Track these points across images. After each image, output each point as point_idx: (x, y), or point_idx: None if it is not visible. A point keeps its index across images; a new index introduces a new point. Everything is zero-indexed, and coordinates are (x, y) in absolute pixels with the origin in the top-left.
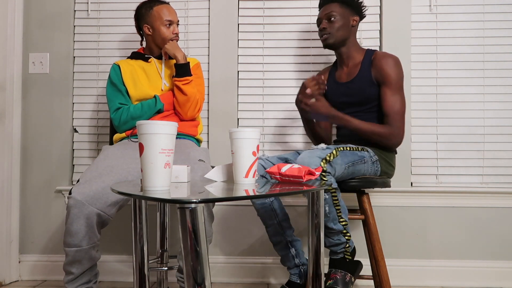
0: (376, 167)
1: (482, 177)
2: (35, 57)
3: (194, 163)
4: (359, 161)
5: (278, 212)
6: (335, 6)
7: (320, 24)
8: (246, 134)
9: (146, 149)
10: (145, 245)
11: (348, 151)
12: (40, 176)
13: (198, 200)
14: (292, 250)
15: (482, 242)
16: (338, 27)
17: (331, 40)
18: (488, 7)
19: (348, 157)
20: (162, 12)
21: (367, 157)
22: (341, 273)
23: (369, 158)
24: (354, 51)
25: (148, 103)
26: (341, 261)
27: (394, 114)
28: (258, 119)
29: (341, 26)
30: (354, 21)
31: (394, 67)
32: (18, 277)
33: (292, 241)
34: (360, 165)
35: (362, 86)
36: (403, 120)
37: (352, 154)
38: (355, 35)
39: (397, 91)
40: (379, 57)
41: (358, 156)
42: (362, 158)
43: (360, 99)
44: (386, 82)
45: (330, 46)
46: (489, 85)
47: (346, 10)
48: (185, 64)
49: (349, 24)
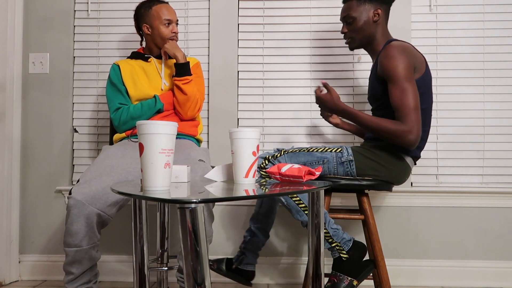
0: (347, 168)
1: (482, 177)
2: (35, 57)
3: (194, 163)
4: (314, 162)
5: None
6: (352, 4)
7: (342, 27)
8: (246, 134)
9: (146, 149)
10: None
11: (305, 152)
12: (40, 176)
13: (198, 200)
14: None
15: (482, 242)
16: (357, 29)
17: (353, 44)
18: (488, 7)
19: (300, 158)
20: (161, 12)
21: (330, 158)
22: (340, 277)
23: (334, 159)
24: (378, 45)
25: (148, 103)
26: (340, 262)
27: (402, 108)
28: (258, 119)
29: (361, 27)
30: (376, 14)
31: (395, 59)
32: (18, 277)
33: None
34: (316, 166)
35: (372, 83)
36: (417, 115)
37: (308, 155)
38: (382, 27)
39: (403, 85)
40: (382, 53)
41: (316, 157)
42: (322, 159)
43: (370, 96)
44: (389, 78)
45: (355, 49)
46: (489, 85)
47: (365, 5)
48: (185, 64)
49: (371, 20)
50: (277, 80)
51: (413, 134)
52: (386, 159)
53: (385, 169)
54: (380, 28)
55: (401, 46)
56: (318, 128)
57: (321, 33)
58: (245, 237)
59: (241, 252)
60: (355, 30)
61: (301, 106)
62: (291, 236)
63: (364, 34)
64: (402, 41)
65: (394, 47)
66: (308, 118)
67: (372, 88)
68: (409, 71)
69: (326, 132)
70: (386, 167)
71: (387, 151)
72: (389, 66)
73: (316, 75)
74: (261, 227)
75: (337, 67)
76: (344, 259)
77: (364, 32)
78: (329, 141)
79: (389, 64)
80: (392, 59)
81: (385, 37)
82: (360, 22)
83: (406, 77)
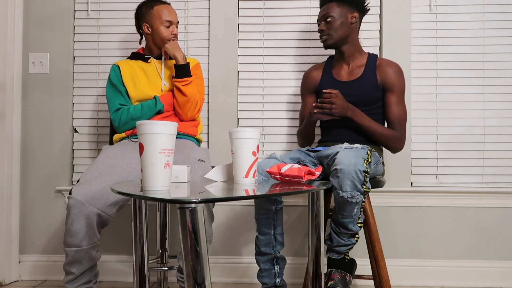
0: (382, 167)
1: (482, 177)
2: (35, 57)
3: (194, 163)
4: (378, 162)
5: (278, 224)
6: (332, 5)
7: (319, 25)
8: (246, 134)
9: (146, 149)
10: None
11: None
12: (40, 176)
13: (198, 200)
14: (277, 267)
15: (482, 242)
16: (335, 28)
17: (330, 41)
18: (488, 7)
19: (374, 158)
20: (162, 12)
21: (380, 158)
22: (342, 274)
23: (380, 159)
24: (356, 51)
25: (148, 103)
26: (341, 261)
27: (400, 121)
28: (258, 119)
29: (339, 26)
30: (353, 18)
31: (400, 75)
32: (18, 277)
33: (279, 258)
34: (379, 165)
35: (367, 88)
36: (405, 127)
37: (374, 155)
38: (356, 33)
39: (401, 99)
40: (385, 64)
41: (377, 157)
42: (379, 159)
43: (362, 100)
44: (392, 89)
45: (330, 47)
46: (489, 85)
47: (344, 8)
48: (185, 65)
49: (348, 22)
50: (277, 80)
51: (403, 142)
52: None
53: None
54: (354, 33)
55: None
56: (318, 128)
57: None
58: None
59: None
60: (333, 28)
61: None
62: (291, 236)
63: (341, 33)
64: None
65: (398, 66)
66: None
67: (367, 92)
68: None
69: None
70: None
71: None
72: (399, 82)
73: None
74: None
75: None
76: (347, 260)
77: (341, 31)
78: None
79: (400, 80)
80: (402, 77)
81: (358, 44)
82: (338, 21)
83: (404, 95)
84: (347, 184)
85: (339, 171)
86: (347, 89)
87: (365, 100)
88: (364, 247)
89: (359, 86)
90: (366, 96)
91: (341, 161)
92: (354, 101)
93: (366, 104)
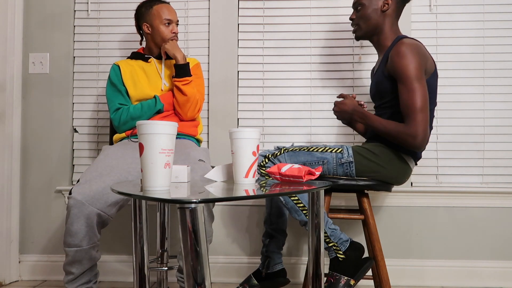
0: (346, 169)
1: (482, 177)
2: (35, 57)
3: (194, 163)
4: (313, 162)
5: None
6: None
7: (352, 13)
8: (246, 134)
9: (146, 149)
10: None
11: (305, 151)
12: (40, 176)
13: (198, 200)
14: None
15: (482, 242)
16: (365, 17)
17: (359, 32)
18: (488, 7)
19: (300, 157)
20: (162, 11)
21: (329, 158)
22: (336, 277)
23: (333, 160)
24: (385, 39)
25: (148, 103)
26: (336, 262)
27: (410, 111)
28: (258, 119)
29: (369, 15)
30: (386, 4)
31: (407, 57)
32: (18, 277)
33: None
34: (315, 166)
35: (378, 80)
36: (423, 116)
37: (308, 155)
38: (391, 20)
39: (408, 85)
40: (393, 50)
41: (316, 157)
42: (322, 159)
43: (376, 93)
44: (399, 77)
45: (361, 38)
46: (489, 85)
47: None
48: (185, 65)
49: (379, 10)
50: (277, 80)
51: (418, 137)
52: (387, 160)
53: (385, 169)
54: (389, 20)
55: (413, 44)
56: (318, 128)
57: (321, 33)
58: (264, 241)
59: (265, 257)
60: (363, 17)
61: (301, 106)
62: (291, 236)
63: (370, 22)
64: (414, 38)
65: (406, 45)
66: (308, 118)
67: (378, 84)
68: (420, 71)
69: (326, 132)
70: (386, 168)
71: (388, 151)
72: (400, 64)
73: (316, 75)
74: (277, 228)
75: (337, 67)
76: (340, 259)
77: (371, 20)
78: (329, 141)
79: (400, 62)
80: (403, 57)
81: (393, 32)
82: (368, 9)
83: (416, 77)
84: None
85: None
86: (372, 83)
87: (377, 93)
88: (364, 247)
89: (375, 78)
90: (377, 89)
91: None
92: (372, 95)
93: (380, 98)
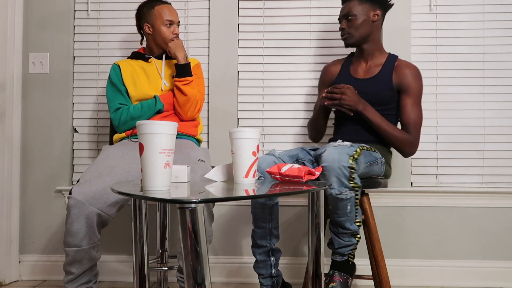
0: (383, 168)
1: (482, 177)
2: (35, 57)
3: (194, 163)
4: (374, 162)
5: (273, 218)
6: (354, 3)
7: (340, 24)
8: (246, 134)
9: (146, 149)
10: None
11: (367, 151)
12: (40, 176)
13: (198, 200)
14: (272, 258)
15: (482, 242)
16: (357, 26)
17: (351, 40)
18: (488, 7)
19: (367, 157)
20: (163, 12)
21: (379, 159)
22: (344, 276)
23: (380, 160)
24: (376, 50)
25: (148, 103)
26: (344, 264)
27: (414, 124)
28: (258, 119)
29: (360, 25)
30: (376, 15)
31: (417, 78)
32: (18, 277)
33: (274, 250)
34: (374, 166)
35: (379, 87)
36: (420, 131)
37: (370, 155)
38: (378, 30)
39: (417, 102)
40: (403, 65)
41: (373, 156)
42: (376, 159)
43: (374, 99)
44: (408, 92)
45: (351, 46)
46: (489, 85)
47: (366, 5)
48: (186, 65)
49: (370, 20)
50: (277, 80)
51: (416, 147)
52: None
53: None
54: (376, 31)
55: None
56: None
57: (321, 33)
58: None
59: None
60: (354, 26)
61: (301, 106)
62: (291, 236)
63: (362, 32)
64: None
65: (417, 68)
66: (308, 118)
67: (380, 92)
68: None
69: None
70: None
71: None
72: (416, 85)
73: (316, 75)
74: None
75: None
76: (350, 262)
77: (363, 29)
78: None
79: (417, 83)
80: (419, 79)
81: (379, 42)
82: (359, 20)
83: (421, 98)
84: (333, 180)
85: (324, 169)
86: (361, 87)
87: (376, 99)
88: (364, 247)
89: (373, 84)
90: (378, 96)
91: (325, 159)
92: (366, 100)
93: (378, 104)
